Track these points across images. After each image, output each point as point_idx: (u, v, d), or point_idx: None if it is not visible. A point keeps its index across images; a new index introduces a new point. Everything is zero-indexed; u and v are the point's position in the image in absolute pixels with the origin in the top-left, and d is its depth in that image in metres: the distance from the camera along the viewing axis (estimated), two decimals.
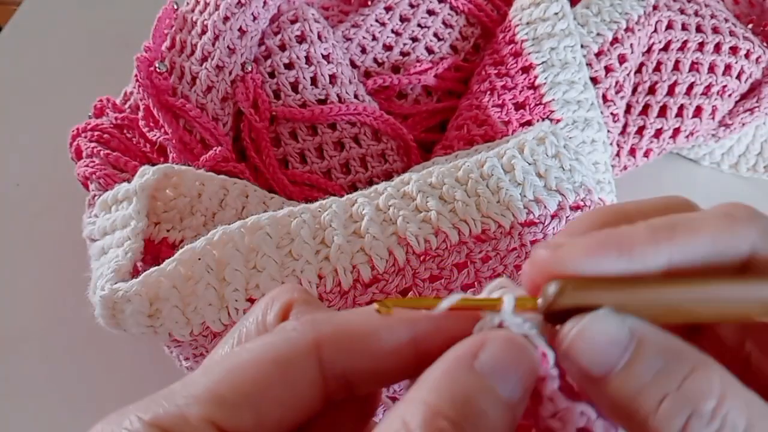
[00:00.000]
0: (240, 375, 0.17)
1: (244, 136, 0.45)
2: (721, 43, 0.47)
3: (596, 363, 0.17)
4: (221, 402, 0.16)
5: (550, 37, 0.44)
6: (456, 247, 0.32)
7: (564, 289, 0.17)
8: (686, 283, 0.18)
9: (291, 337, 0.17)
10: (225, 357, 0.18)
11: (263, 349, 0.17)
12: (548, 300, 0.17)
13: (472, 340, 0.17)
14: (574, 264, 0.17)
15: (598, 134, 0.43)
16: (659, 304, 0.18)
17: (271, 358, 0.17)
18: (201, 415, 0.16)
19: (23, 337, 0.43)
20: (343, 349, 0.18)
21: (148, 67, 0.44)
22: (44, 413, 0.40)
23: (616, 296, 0.17)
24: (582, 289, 0.17)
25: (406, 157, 0.46)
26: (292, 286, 0.21)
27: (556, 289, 0.17)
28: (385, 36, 0.49)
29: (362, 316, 0.18)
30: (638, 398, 0.17)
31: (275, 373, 0.17)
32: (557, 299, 0.17)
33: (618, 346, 0.17)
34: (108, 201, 0.36)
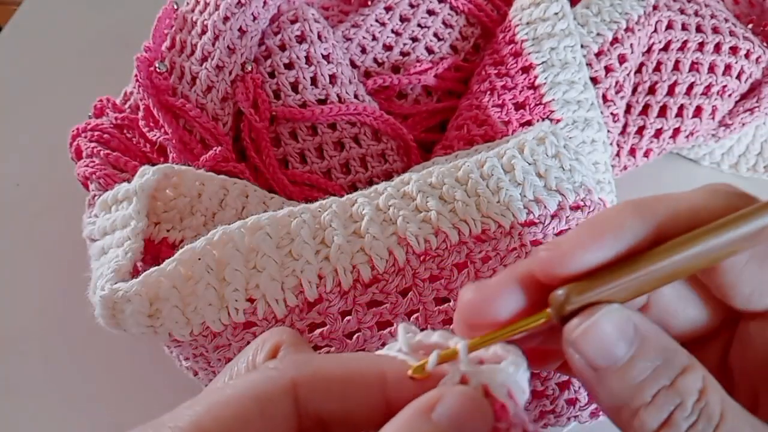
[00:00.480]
0: (222, 409, 0.18)
1: (244, 136, 0.45)
2: (721, 43, 0.47)
3: (602, 356, 0.18)
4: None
5: (550, 37, 0.44)
6: (456, 247, 0.32)
7: (569, 297, 0.18)
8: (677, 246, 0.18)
9: (271, 376, 0.19)
10: (211, 392, 0.19)
11: (245, 386, 0.18)
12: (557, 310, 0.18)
13: (431, 394, 0.18)
14: (577, 254, 0.18)
15: (598, 134, 0.43)
16: (659, 275, 0.19)
17: (251, 394, 0.18)
18: None
19: (23, 337, 0.43)
20: (318, 392, 0.19)
21: (148, 67, 0.44)
22: (44, 413, 0.40)
23: (618, 285, 0.18)
24: (585, 291, 0.18)
25: (406, 157, 0.46)
26: (282, 329, 0.22)
27: (563, 298, 0.18)
28: (385, 36, 0.49)
29: (340, 362, 0.19)
30: (636, 390, 0.18)
31: (254, 409, 0.18)
32: (565, 307, 0.18)
33: (625, 342, 0.18)
34: (108, 201, 0.36)
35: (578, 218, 0.34)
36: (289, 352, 0.21)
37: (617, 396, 0.18)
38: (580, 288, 0.18)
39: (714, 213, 0.19)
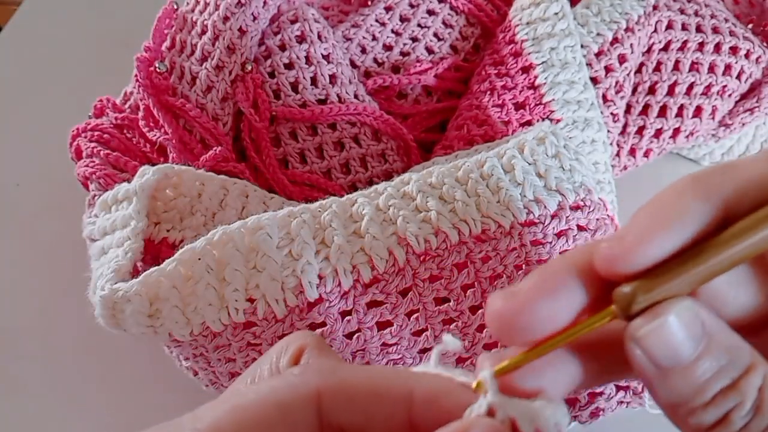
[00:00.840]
0: (244, 413, 0.18)
1: (244, 136, 0.45)
2: (721, 43, 0.47)
3: (669, 356, 0.17)
4: None
5: (550, 37, 0.44)
6: (456, 247, 0.32)
7: (636, 295, 0.17)
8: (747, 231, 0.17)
9: (295, 383, 0.18)
10: (233, 394, 0.18)
11: (268, 391, 0.18)
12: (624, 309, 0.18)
13: (456, 425, 0.18)
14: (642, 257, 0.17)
15: (598, 134, 0.43)
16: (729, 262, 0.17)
17: (274, 400, 0.18)
18: None
19: (23, 337, 0.43)
20: (342, 403, 0.18)
21: (148, 67, 0.44)
22: (44, 413, 0.40)
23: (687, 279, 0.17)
24: (654, 288, 0.17)
25: (406, 157, 0.46)
26: (307, 333, 0.22)
27: (630, 297, 0.17)
28: (385, 36, 0.49)
29: (367, 375, 0.19)
30: (698, 390, 0.17)
31: (276, 416, 0.18)
32: (632, 306, 0.17)
33: (692, 341, 0.17)
34: (108, 201, 0.36)
35: (578, 218, 0.34)
36: (313, 357, 0.20)
37: (678, 395, 0.18)
38: (648, 286, 0.17)
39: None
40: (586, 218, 0.35)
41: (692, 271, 0.17)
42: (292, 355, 0.21)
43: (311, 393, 0.18)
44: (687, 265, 0.17)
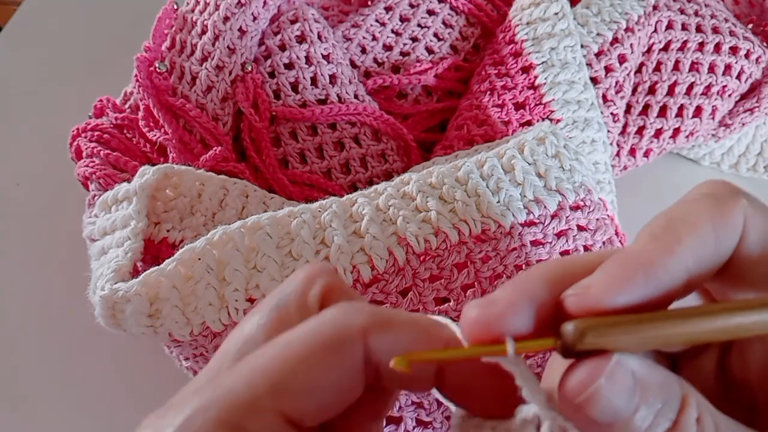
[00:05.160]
0: (301, 364, 0.17)
1: (244, 136, 0.45)
2: (721, 43, 0.47)
3: (607, 416, 0.17)
4: (287, 393, 0.17)
5: (550, 37, 0.44)
6: (456, 247, 0.32)
7: (583, 336, 0.17)
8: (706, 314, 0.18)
9: (344, 324, 0.18)
10: (280, 346, 0.18)
11: (318, 336, 0.18)
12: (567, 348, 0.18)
13: None
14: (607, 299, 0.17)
15: (598, 134, 0.43)
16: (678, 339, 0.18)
17: (326, 345, 0.17)
18: (269, 407, 0.17)
19: (23, 337, 0.43)
20: (386, 343, 0.18)
21: (148, 67, 0.44)
22: (44, 413, 0.40)
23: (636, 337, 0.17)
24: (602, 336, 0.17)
25: (406, 157, 0.46)
26: (325, 267, 0.21)
27: (575, 333, 0.17)
28: (385, 36, 0.49)
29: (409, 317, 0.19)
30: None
31: (332, 360, 0.17)
32: (576, 345, 0.17)
33: (627, 398, 0.17)
34: (108, 201, 0.36)
35: (578, 218, 0.34)
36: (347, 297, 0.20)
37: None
38: (597, 330, 0.17)
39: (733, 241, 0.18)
40: (586, 218, 0.35)
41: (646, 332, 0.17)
42: (319, 292, 0.20)
43: (359, 332, 0.18)
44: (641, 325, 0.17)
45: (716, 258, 0.19)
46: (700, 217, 0.18)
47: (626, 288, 0.18)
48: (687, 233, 0.18)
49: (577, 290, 0.18)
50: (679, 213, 0.19)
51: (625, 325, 0.17)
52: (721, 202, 0.19)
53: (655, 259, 0.18)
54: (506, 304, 0.18)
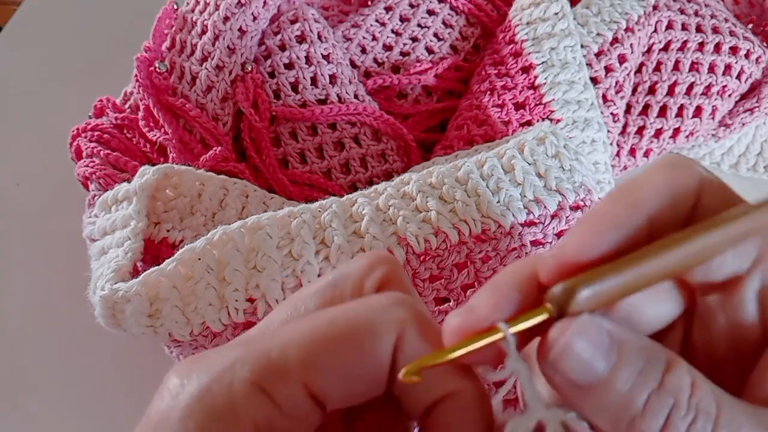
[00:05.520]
0: (338, 344, 0.17)
1: (244, 136, 0.45)
2: (721, 43, 0.47)
3: (583, 373, 0.17)
4: (319, 368, 0.17)
5: (550, 37, 0.44)
6: (456, 247, 0.32)
7: (572, 289, 0.18)
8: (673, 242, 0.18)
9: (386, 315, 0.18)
10: (323, 321, 0.18)
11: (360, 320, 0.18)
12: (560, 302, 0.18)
13: None
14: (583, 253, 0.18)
15: (598, 134, 0.43)
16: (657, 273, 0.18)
17: (365, 331, 0.18)
18: (299, 379, 0.17)
19: (23, 337, 0.43)
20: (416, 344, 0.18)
21: (148, 67, 0.44)
22: (45, 413, 0.40)
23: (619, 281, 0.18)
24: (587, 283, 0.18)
25: (406, 157, 0.46)
26: (388, 257, 0.21)
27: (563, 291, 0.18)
28: (385, 36, 0.49)
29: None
30: (626, 400, 0.17)
31: (367, 347, 0.17)
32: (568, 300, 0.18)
33: (603, 353, 0.18)
34: (108, 201, 0.36)
35: (578, 218, 0.34)
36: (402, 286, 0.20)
37: (608, 411, 0.18)
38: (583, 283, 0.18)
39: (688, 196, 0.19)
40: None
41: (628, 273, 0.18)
42: (377, 282, 0.20)
43: (398, 324, 0.18)
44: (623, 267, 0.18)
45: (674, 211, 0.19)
46: (656, 176, 0.19)
47: (598, 240, 0.18)
48: (646, 189, 0.19)
49: (553, 251, 0.19)
50: (637, 176, 0.20)
51: (608, 272, 0.18)
52: (676, 166, 0.20)
53: (620, 212, 0.19)
54: (486, 305, 0.18)
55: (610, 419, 0.18)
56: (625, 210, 0.19)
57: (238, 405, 0.16)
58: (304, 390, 0.17)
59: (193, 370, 0.17)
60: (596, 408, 0.18)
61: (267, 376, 0.17)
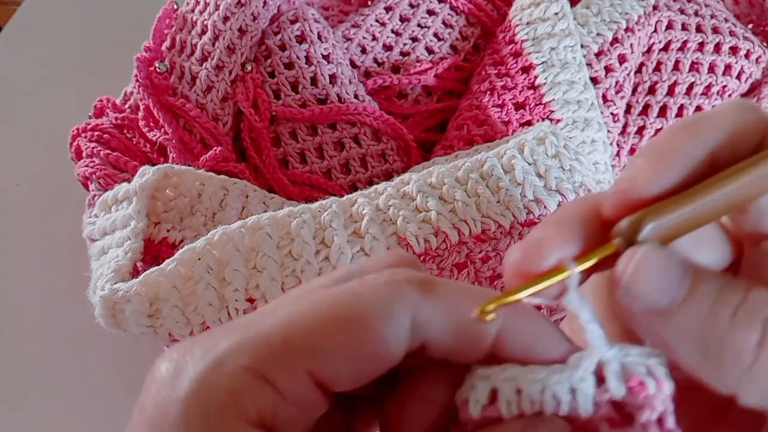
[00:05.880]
0: (342, 327, 0.16)
1: (244, 136, 0.45)
2: (721, 43, 0.47)
3: (662, 294, 0.17)
4: (321, 353, 0.16)
5: (550, 37, 0.44)
6: (456, 247, 0.32)
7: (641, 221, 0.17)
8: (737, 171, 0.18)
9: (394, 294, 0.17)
10: (325, 303, 0.17)
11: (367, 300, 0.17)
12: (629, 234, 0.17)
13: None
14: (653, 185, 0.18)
15: (598, 134, 0.43)
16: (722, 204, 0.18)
17: (373, 310, 0.16)
18: (301, 365, 0.16)
19: (23, 337, 0.43)
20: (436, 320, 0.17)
21: (148, 67, 0.44)
22: (45, 413, 0.40)
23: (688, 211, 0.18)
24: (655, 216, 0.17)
25: (406, 157, 0.46)
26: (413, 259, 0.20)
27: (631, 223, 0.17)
28: (385, 36, 0.49)
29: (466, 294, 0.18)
30: (712, 317, 0.17)
31: (376, 328, 0.16)
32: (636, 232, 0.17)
33: (678, 275, 0.17)
34: (108, 201, 0.36)
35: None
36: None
37: (694, 333, 0.17)
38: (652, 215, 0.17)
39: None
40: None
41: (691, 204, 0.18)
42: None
43: (410, 303, 0.17)
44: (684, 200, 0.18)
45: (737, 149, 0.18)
46: (723, 114, 0.19)
47: (663, 174, 0.18)
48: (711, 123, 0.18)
49: (617, 186, 0.18)
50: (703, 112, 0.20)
51: (674, 205, 0.18)
52: (743, 107, 0.19)
53: (685, 145, 0.18)
54: (553, 240, 0.18)
55: (698, 342, 0.17)
56: (691, 143, 0.18)
57: (240, 395, 0.16)
58: (309, 376, 0.16)
59: (187, 357, 0.16)
60: (681, 333, 0.17)
61: (268, 362, 0.16)
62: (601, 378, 0.17)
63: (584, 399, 0.17)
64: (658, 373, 0.17)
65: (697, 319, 0.17)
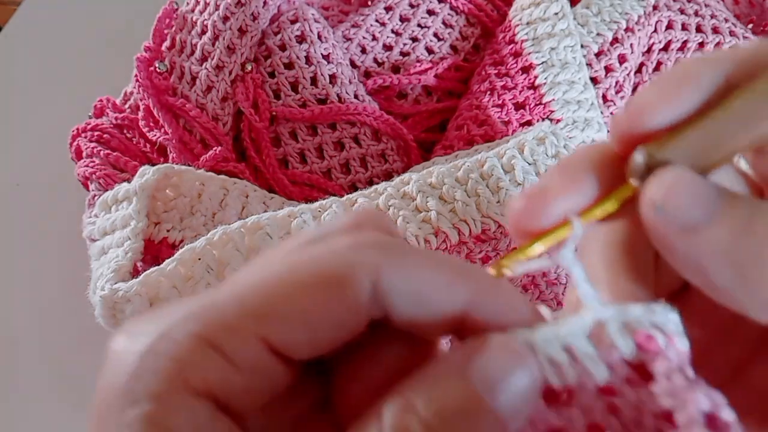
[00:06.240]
0: (298, 292, 0.15)
1: (244, 136, 0.45)
2: (721, 43, 0.47)
3: (697, 209, 0.16)
4: (276, 319, 0.15)
5: (550, 37, 0.44)
6: (456, 247, 0.32)
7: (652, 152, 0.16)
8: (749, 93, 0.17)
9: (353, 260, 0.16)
10: (282, 268, 0.16)
11: (322, 268, 0.16)
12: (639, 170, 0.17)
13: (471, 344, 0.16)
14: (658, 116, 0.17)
15: (598, 134, 0.43)
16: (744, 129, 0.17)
17: (328, 279, 0.16)
18: (254, 332, 0.15)
19: (23, 337, 0.43)
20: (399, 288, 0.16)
21: (148, 67, 0.44)
22: (44, 413, 0.40)
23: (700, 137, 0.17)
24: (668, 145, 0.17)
25: (406, 157, 0.46)
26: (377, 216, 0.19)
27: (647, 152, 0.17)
28: (385, 36, 0.49)
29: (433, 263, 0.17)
30: (746, 233, 0.16)
31: (331, 296, 0.15)
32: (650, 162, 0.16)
33: (713, 191, 0.16)
34: (108, 201, 0.36)
35: None
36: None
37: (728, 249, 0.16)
38: (667, 143, 0.16)
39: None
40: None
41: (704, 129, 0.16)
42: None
43: (371, 268, 0.16)
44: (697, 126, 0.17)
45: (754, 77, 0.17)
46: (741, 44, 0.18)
47: (678, 99, 0.17)
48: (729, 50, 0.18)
49: (626, 108, 0.17)
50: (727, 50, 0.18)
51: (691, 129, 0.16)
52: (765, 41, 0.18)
53: (700, 69, 0.17)
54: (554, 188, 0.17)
55: (732, 258, 0.16)
56: (708, 68, 0.17)
57: (186, 363, 0.15)
58: (263, 343, 0.15)
59: (140, 329, 0.16)
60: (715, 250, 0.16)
61: (218, 329, 0.15)
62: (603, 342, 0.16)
63: (590, 361, 0.16)
64: (667, 328, 0.16)
65: (732, 233, 0.16)
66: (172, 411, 0.14)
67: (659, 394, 0.15)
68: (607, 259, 0.19)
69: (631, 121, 0.17)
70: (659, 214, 0.16)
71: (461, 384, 0.15)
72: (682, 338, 0.16)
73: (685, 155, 0.17)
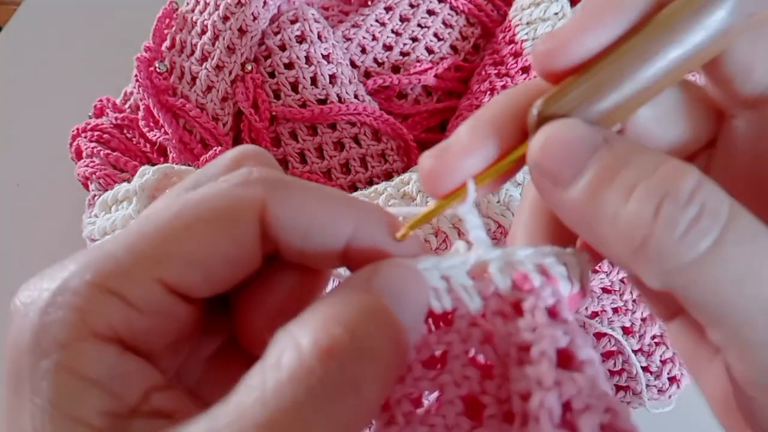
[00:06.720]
0: (186, 232, 0.16)
1: (244, 136, 0.45)
2: None
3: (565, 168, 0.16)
4: (170, 260, 0.16)
5: None
6: None
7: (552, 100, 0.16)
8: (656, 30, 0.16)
9: (239, 191, 0.17)
10: (170, 211, 0.16)
11: (209, 206, 0.16)
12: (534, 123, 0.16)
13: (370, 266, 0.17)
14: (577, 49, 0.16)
15: None
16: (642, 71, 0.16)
17: (216, 216, 0.16)
18: (150, 275, 0.16)
19: None
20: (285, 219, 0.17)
21: (148, 67, 0.44)
22: None
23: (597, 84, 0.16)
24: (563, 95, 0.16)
25: (406, 157, 0.46)
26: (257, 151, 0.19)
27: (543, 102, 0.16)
28: (385, 36, 0.49)
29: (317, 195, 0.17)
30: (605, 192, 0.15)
31: (221, 232, 0.16)
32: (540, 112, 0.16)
33: (585, 147, 0.16)
34: (108, 201, 0.36)
35: None
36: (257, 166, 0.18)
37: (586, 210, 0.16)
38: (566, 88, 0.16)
39: None
40: None
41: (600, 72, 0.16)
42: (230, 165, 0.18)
43: (257, 203, 0.16)
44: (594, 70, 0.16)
45: None
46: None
47: (597, 27, 0.16)
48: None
49: (546, 38, 0.16)
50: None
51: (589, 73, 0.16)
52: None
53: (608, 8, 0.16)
54: (460, 147, 0.17)
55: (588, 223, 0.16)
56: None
57: (87, 311, 0.15)
58: (160, 284, 0.16)
59: (38, 285, 0.16)
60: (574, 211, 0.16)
61: (114, 275, 0.15)
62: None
63: (464, 291, 0.17)
64: (552, 270, 0.17)
65: (585, 193, 0.16)
66: (82, 357, 0.15)
67: (523, 328, 0.16)
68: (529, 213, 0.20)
69: (549, 55, 0.16)
70: (534, 172, 0.17)
71: (367, 296, 0.16)
72: (567, 282, 0.17)
73: (580, 103, 0.16)
